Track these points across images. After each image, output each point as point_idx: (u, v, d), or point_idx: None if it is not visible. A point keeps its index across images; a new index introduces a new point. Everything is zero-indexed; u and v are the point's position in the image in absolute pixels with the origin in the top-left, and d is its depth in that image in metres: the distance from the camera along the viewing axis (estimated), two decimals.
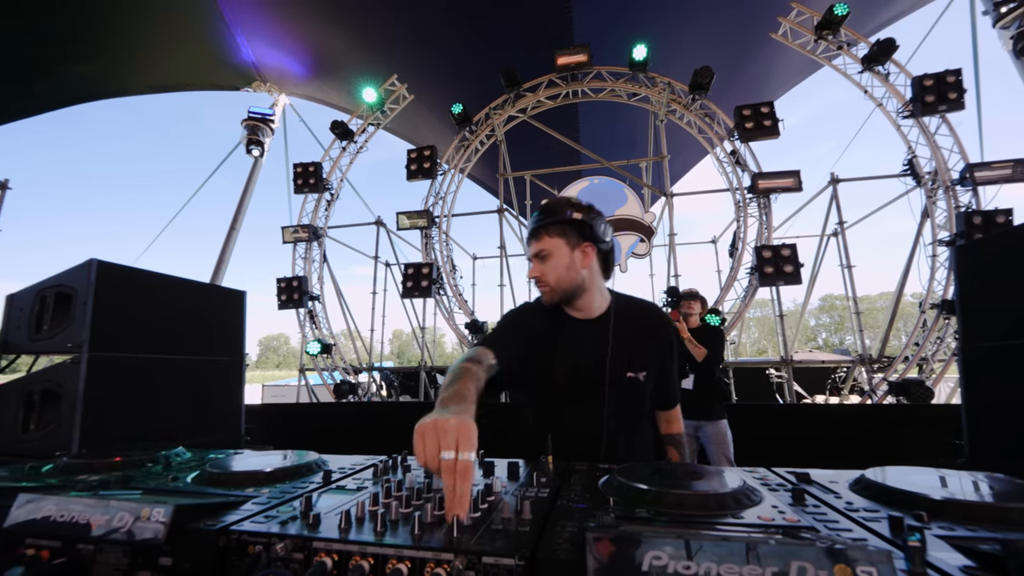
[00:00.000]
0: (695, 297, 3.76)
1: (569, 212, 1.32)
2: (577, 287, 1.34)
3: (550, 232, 1.32)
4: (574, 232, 1.32)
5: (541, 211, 1.35)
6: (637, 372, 1.34)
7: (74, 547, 0.72)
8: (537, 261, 1.34)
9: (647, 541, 0.57)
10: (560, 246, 1.31)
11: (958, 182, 6.25)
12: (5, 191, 7.10)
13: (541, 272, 1.33)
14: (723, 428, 3.44)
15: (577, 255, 1.32)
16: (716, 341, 3.54)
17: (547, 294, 1.35)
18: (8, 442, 1.96)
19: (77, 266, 1.99)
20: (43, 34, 7.02)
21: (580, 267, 1.32)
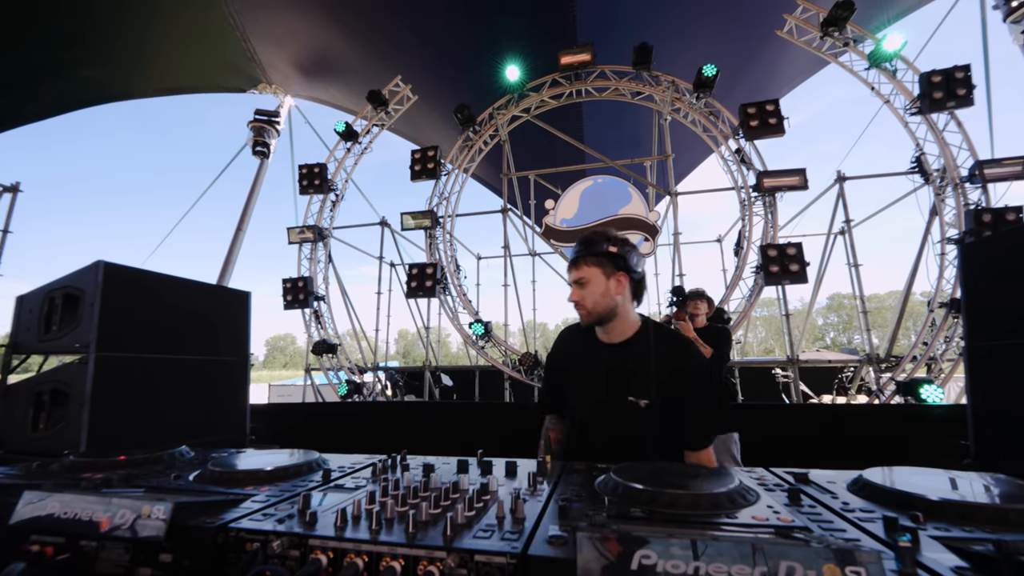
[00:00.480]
0: (701, 297, 3.73)
1: (606, 245, 1.49)
2: (610, 311, 1.49)
3: (588, 262, 1.49)
4: (609, 262, 1.49)
5: (582, 242, 1.53)
6: (638, 398, 1.41)
7: (77, 543, 0.73)
8: (576, 287, 1.51)
9: (636, 540, 0.57)
10: (597, 275, 1.48)
11: (967, 179, 6.16)
12: (16, 194, 7.21)
13: (580, 297, 1.49)
14: (730, 438, 3.38)
15: (612, 283, 1.48)
16: (723, 341, 3.51)
17: (584, 316, 1.51)
18: (19, 440, 2.00)
19: (84, 268, 2.02)
20: (51, 38, 7.11)
21: (614, 294, 1.48)
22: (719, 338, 3.50)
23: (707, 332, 3.57)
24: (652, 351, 1.46)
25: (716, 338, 3.49)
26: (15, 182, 7.71)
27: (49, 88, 8.09)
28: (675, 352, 1.47)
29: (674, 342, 1.51)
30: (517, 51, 8.13)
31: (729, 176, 7.47)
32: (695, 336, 3.44)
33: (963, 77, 6.02)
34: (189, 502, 0.79)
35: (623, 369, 1.47)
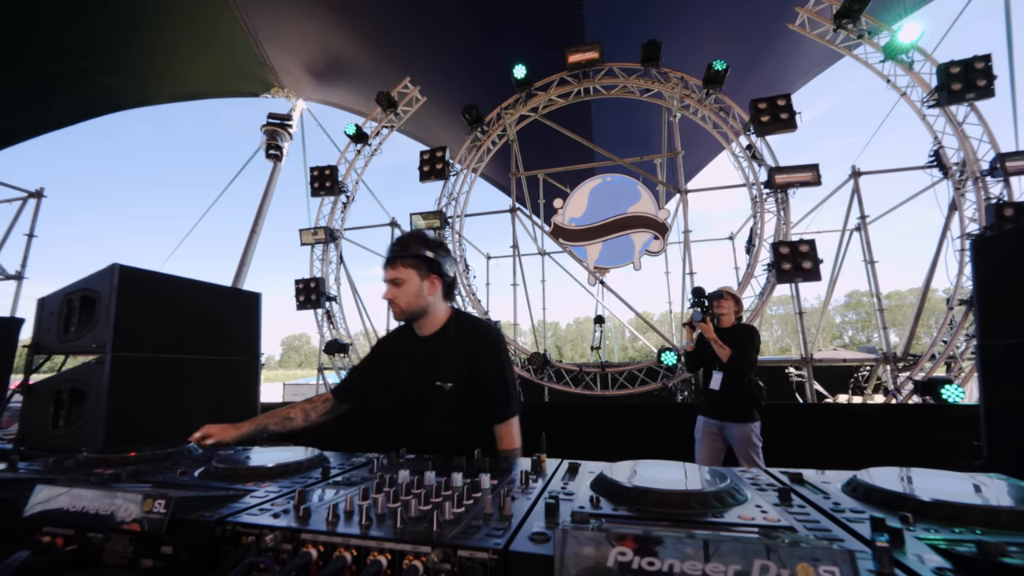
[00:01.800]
0: (723, 296, 3.58)
1: (423, 249, 1.61)
2: (422, 310, 1.61)
3: (405, 263, 1.58)
4: (424, 265, 1.60)
5: (399, 244, 1.62)
6: (444, 382, 1.56)
7: (85, 535, 0.77)
8: (392, 286, 1.60)
9: (613, 538, 0.58)
10: (412, 276, 1.58)
11: (988, 173, 5.98)
12: (40, 199, 7.47)
13: (395, 295, 1.59)
14: (749, 430, 3.30)
15: (426, 284, 1.60)
16: (745, 341, 3.39)
17: (398, 314, 1.62)
18: (40, 437, 2.08)
19: (101, 271, 2.09)
20: (67, 49, 7.33)
21: (427, 294, 1.60)
22: (742, 338, 3.40)
23: (732, 332, 3.47)
24: (454, 340, 1.62)
25: (739, 338, 3.39)
26: (39, 188, 7.98)
27: (68, 97, 8.34)
28: (474, 338, 1.64)
29: (475, 329, 1.67)
30: (524, 50, 8.13)
31: (740, 173, 7.37)
32: (713, 336, 3.37)
33: (983, 67, 5.84)
34: (190, 497, 0.82)
35: (431, 358, 1.61)
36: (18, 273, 8.02)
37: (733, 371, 3.35)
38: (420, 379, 1.62)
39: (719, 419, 3.42)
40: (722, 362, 3.38)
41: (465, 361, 1.59)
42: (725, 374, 3.40)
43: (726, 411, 3.39)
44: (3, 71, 7.12)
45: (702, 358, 3.63)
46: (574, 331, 59.78)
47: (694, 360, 3.73)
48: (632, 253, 7.72)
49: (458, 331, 1.65)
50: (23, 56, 7.07)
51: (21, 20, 6.58)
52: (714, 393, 3.44)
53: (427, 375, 1.60)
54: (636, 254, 7.70)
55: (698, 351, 3.66)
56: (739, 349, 3.34)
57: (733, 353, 3.32)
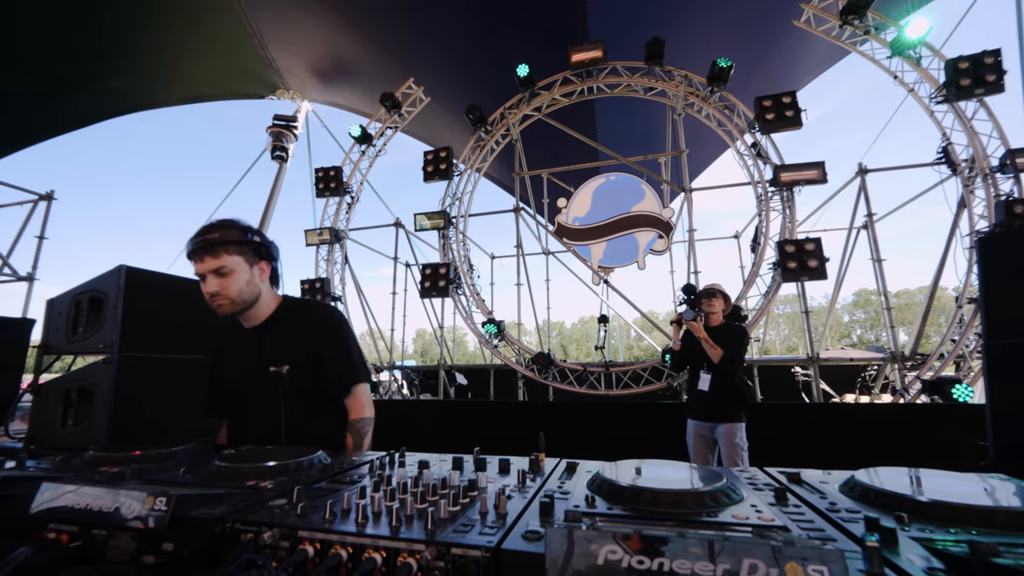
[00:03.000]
0: (714, 294, 3.54)
1: (250, 235, 1.51)
2: (254, 299, 1.53)
3: (230, 250, 1.46)
4: (252, 251, 1.51)
5: (215, 230, 1.47)
6: (279, 366, 1.49)
7: (89, 532, 0.79)
8: (215, 277, 1.45)
9: (603, 536, 0.59)
10: (240, 263, 1.48)
11: (998, 169, 5.91)
12: (51, 201, 7.58)
13: (222, 287, 1.46)
14: (735, 431, 3.26)
15: (255, 271, 1.52)
16: (735, 341, 3.35)
17: (227, 306, 1.48)
18: (50, 436, 2.11)
19: (108, 272, 2.12)
20: (76, 52, 7.43)
21: (258, 281, 1.53)
22: (732, 337, 3.36)
23: (721, 331, 3.43)
24: (286, 324, 1.58)
25: (729, 337, 3.35)
26: (49, 191, 8.10)
27: (77, 100, 8.46)
28: (310, 318, 1.61)
29: (310, 311, 1.65)
30: (528, 49, 8.13)
31: (745, 171, 7.33)
32: (704, 336, 3.33)
33: (993, 63, 5.77)
34: (191, 495, 0.84)
35: (262, 346, 1.55)
36: (29, 275, 8.14)
37: (723, 371, 3.31)
38: (249, 371, 1.55)
39: (709, 420, 3.37)
40: (710, 362, 3.33)
41: (301, 343, 1.55)
42: (714, 375, 3.34)
43: (715, 412, 3.34)
44: (15, 76, 7.23)
45: (689, 357, 3.58)
46: (579, 331, 59.71)
47: (680, 359, 3.68)
48: (636, 252, 7.70)
49: (290, 315, 1.61)
50: (34, 61, 7.17)
51: (30, 25, 6.68)
52: (702, 394, 3.38)
53: (258, 364, 1.52)
54: (640, 253, 7.68)
55: (685, 350, 3.60)
56: (730, 349, 3.29)
57: (725, 353, 3.27)
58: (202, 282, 1.47)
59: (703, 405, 3.41)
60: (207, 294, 1.47)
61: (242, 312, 1.53)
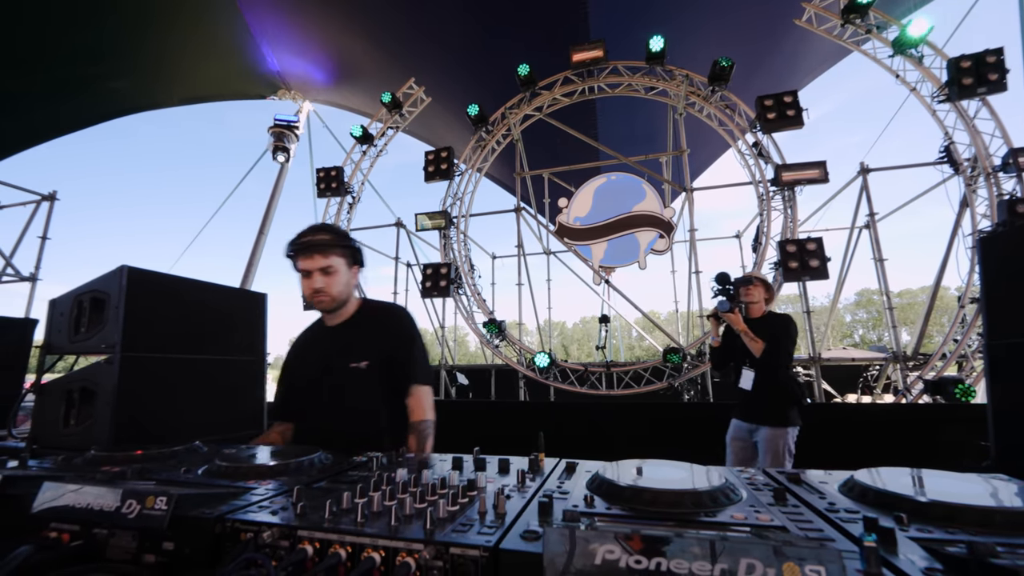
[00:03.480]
0: (751, 281, 3.18)
1: (352, 240, 1.67)
2: (347, 298, 1.67)
3: (337, 252, 1.60)
4: (350, 255, 1.65)
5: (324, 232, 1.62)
6: (358, 362, 1.59)
7: (91, 531, 0.79)
8: (321, 275, 1.58)
9: (601, 536, 0.59)
10: (343, 265, 1.62)
11: (1000, 168, 5.88)
12: (53, 202, 7.60)
13: (327, 285, 1.59)
14: (779, 435, 2.88)
15: (351, 273, 1.67)
16: (780, 332, 2.98)
17: (328, 303, 1.62)
18: (52, 436, 2.12)
19: (110, 272, 2.13)
20: (78, 53, 7.45)
21: (352, 283, 1.69)
22: (776, 328, 3.02)
23: (764, 322, 3.09)
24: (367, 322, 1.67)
25: (772, 329, 3.01)
26: (52, 191, 8.13)
27: (79, 101, 8.48)
28: (386, 319, 1.71)
29: (386, 312, 1.75)
30: (529, 49, 8.13)
31: (746, 170, 7.31)
32: (744, 328, 3.01)
33: (995, 61, 5.75)
34: (191, 494, 0.84)
35: (344, 344, 1.64)
36: (32, 275, 8.17)
37: (767, 367, 2.99)
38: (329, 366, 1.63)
39: (750, 421, 3.06)
40: (754, 358, 3.02)
41: (379, 343, 1.63)
42: (758, 371, 3.03)
43: (759, 412, 3.02)
44: (17, 77, 7.26)
45: (730, 353, 3.26)
46: (580, 330, 59.67)
47: (721, 356, 3.35)
48: (637, 252, 7.69)
49: (371, 316, 1.70)
50: (36, 62, 7.20)
51: (33, 27, 6.71)
52: (745, 393, 3.08)
53: (337, 359, 1.61)
54: (641, 253, 7.67)
55: (725, 346, 3.30)
56: (774, 342, 2.95)
57: (767, 347, 2.95)
58: (304, 279, 1.59)
59: (745, 405, 3.12)
60: (310, 290, 1.59)
61: (334, 310, 1.65)
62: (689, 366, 6.90)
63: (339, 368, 1.60)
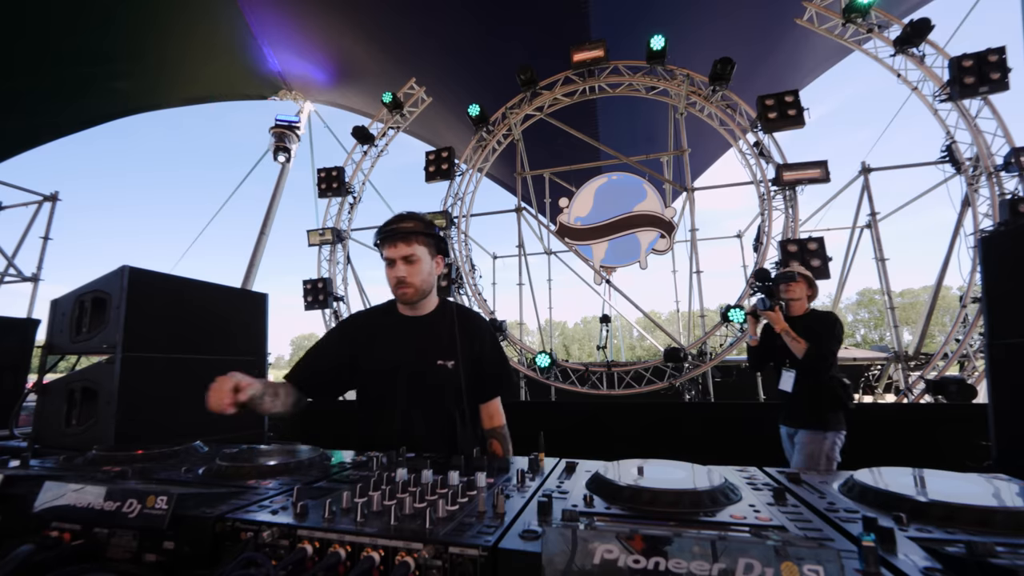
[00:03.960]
0: (794, 278, 2.99)
1: (436, 228, 1.59)
2: (430, 290, 1.60)
3: (420, 240, 1.52)
4: (435, 244, 1.58)
5: (411, 220, 1.54)
6: (446, 360, 1.54)
7: (91, 530, 0.79)
8: (404, 263, 1.51)
9: (600, 535, 0.59)
10: (426, 254, 1.55)
11: (1003, 167, 5.87)
12: (55, 203, 7.62)
13: (410, 273, 1.52)
14: (816, 440, 2.73)
15: (434, 264, 1.59)
16: (823, 331, 2.79)
17: (411, 294, 1.54)
18: (54, 435, 2.13)
19: (111, 273, 2.14)
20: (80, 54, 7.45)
21: (436, 273, 1.60)
22: (819, 327, 2.84)
23: (806, 320, 2.92)
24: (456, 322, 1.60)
25: (815, 328, 2.84)
26: (54, 192, 8.15)
27: (82, 102, 8.50)
28: (473, 321, 1.66)
29: (471, 314, 1.70)
30: (529, 49, 8.13)
31: (748, 170, 7.31)
32: (785, 327, 2.85)
33: (997, 60, 5.73)
34: (192, 493, 0.85)
35: (433, 338, 1.57)
36: (34, 275, 8.19)
37: (809, 369, 2.82)
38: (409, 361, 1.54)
39: (791, 425, 2.93)
40: (795, 358, 2.85)
41: (468, 343, 1.58)
42: (799, 372, 2.87)
43: (798, 415, 2.87)
44: (20, 77, 7.28)
45: (769, 353, 3.11)
46: (581, 330, 59.65)
47: (760, 356, 3.20)
48: (638, 252, 7.69)
49: (456, 315, 1.63)
50: (38, 63, 7.22)
51: (36, 27, 6.72)
52: (786, 395, 2.92)
53: (420, 355, 1.55)
54: (642, 253, 7.66)
55: (764, 345, 3.14)
56: (818, 342, 2.77)
57: (810, 347, 2.77)
58: (388, 267, 1.53)
59: (787, 408, 2.98)
60: (393, 279, 1.52)
61: (417, 301, 1.58)
62: (690, 366, 6.89)
63: (424, 362, 1.54)
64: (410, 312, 1.62)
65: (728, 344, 6.85)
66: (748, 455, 3.39)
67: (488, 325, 1.71)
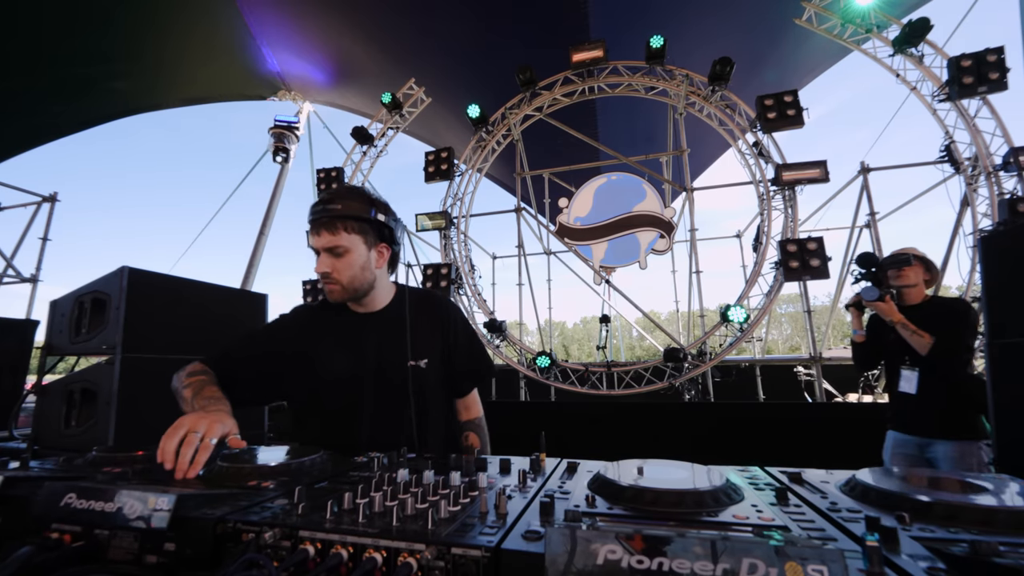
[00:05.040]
0: (908, 261, 2.53)
1: (373, 211, 1.30)
2: (368, 287, 1.34)
3: (349, 228, 1.27)
4: (373, 231, 1.31)
5: (336, 200, 1.27)
6: (418, 359, 1.35)
7: (92, 532, 0.79)
8: (329, 256, 1.28)
9: (603, 536, 0.59)
10: (358, 244, 1.29)
11: (1001, 167, 5.88)
12: (54, 203, 7.61)
13: (334, 268, 1.28)
14: (972, 451, 2.32)
15: (373, 255, 1.32)
16: (958, 321, 2.37)
17: (337, 292, 1.32)
18: (53, 436, 2.13)
19: (110, 273, 2.13)
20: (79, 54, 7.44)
21: (375, 267, 1.34)
22: (949, 316, 2.40)
23: (927, 309, 2.49)
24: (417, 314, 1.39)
25: (943, 317, 2.41)
26: (53, 192, 8.13)
27: (80, 102, 8.49)
28: (437, 309, 1.45)
29: (433, 300, 1.48)
30: (529, 49, 8.13)
31: (747, 170, 7.31)
32: (902, 319, 2.42)
33: (996, 60, 5.74)
34: (193, 494, 0.84)
35: (392, 336, 1.36)
36: (33, 276, 8.18)
37: (942, 365, 2.40)
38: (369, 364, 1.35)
39: (921, 435, 2.49)
40: (915, 354, 2.43)
41: (435, 335, 1.41)
42: (924, 371, 2.45)
43: (933, 423, 2.43)
44: (18, 77, 7.27)
45: (878, 349, 2.71)
46: (580, 330, 59.68)
47: (868, 353, 2.77)
48: (638, 252, 7.69)
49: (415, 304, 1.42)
50: (36, 62, 7.21)
51: (34, 27, 6.71)
52: (908, 398, 2.49)
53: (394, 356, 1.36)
54: (642, 253, 7.67)
55: (872, 341, 2.73)
56: (952, 334, 2.33)
57: (937, 341, 2.34)
58: (316, 258, 1.30)
59: (911, 413, 2.51)
60: (318, 273, 1.31)
61: (354, 300, 1.37)
62: (689, 366, 6.89)
63: (391, 365, 1.34)
64: (361, 308, 1.40)
65: (728, 344, 6.86)
66: (748, 455, 3.40)
67: (457, 308, 1.53)
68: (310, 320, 1.44)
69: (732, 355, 7.15)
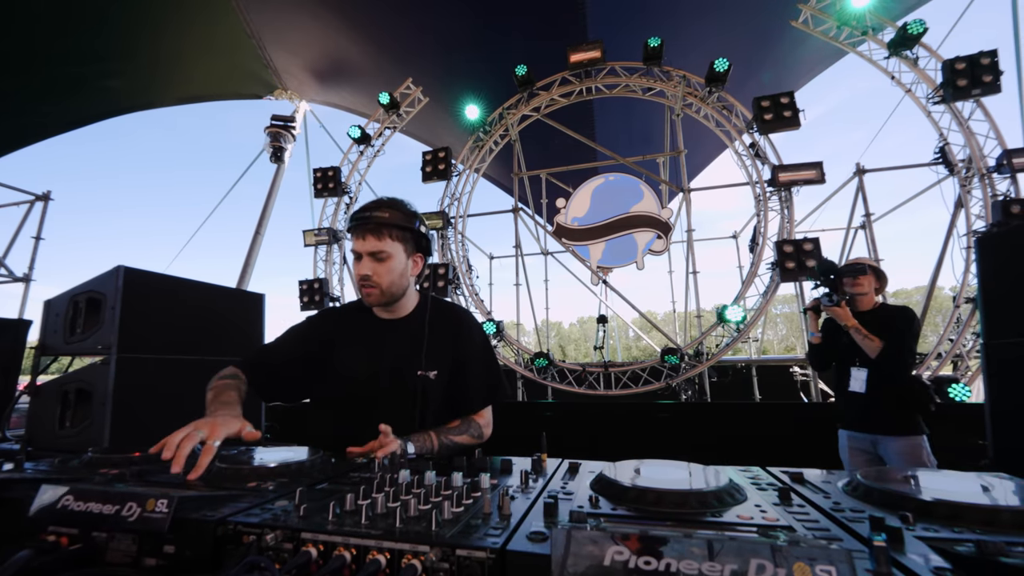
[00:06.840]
0: (863, 271, 2.77)
1: (416, 223, 1.39)
2: (402, 293, 1.41)
3: (394, 235, 1.34)
4: (413, 241, 1.39)
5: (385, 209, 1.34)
6: (428, 370, 1.39)
7: (90, 534, 0.78)
8: (372, 260, 1.33)
9: (609, 537, 0.59)
10: (399, 251, 1.36)
11: (995, 169, 5.93)
12: (47, 202, 7.54)
13: (375, 272, 1.33)
14: (918, 444, 2.52)
15: (410, 263, 1.40)
16: (901, 326, 2.58)
17: (375, 296, 1.37)
18: (48, 438, 2.10)
19: (106, 273, 2.11)
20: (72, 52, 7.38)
21: (410, 275, 1.41)
22: (895, 322, 2.62)
23: (877, 315, 2.70)
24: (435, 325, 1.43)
25: (890, 323, 2.62)
26: (46, 191, 8.06)
27: (74, 101, 8.42)
28: (456, 322, 1.49)
29: (455, 313, 1.52)
30: (526, 50, 8.13)
31: (743, 171, 7.35)
32: (855, 324, 2.64)
33: (989, 63, 5.80)
34: (192, 496, 0.83)
35: (409, 344, 1.41)
36: (25, 275, 8.10)
37: (888, 367, 2.60)
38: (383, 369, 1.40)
39: (870, 432, 2.68)
40: (863, 356, 2.65)
41: (450, 348, 1.43)
42: (873, 371, 2.65)
43: (880, 421, 2.62)
44: (10, 76, 7.20)
45: (832, 351, 2.89)
46: (577, 331, 59.74)
47: (822, 355, 2.96)
48: (635, 252, 7.71)
49: (436, 315, 1.46)
50: (29, 61, 7.14)
51: (26, 25, 6.65)
52: (858, 397, 2.68)
53: (406, 364, 1.39)
54: (639, 253, 7.68)
55: (827, 344, 2.91)
56: (898, 338, 2.55)
57: (885, 345, 2.56)
58: (356, 262, 1.36)
59: (861, 411, 2.70)
60: (358, 276, 1.35)
61: (384, 305, 1.41)
62: (686, 366, 6.91)
63: (396, 373, 1.38)
64: (386, 314, 1.46)
65: (724, 344, 6.88)
66: (748, 455, 3.41)
67: (477, 324, 1.55)
68: (336, 323, 1.51)
69: (728, 355, 7.18)
